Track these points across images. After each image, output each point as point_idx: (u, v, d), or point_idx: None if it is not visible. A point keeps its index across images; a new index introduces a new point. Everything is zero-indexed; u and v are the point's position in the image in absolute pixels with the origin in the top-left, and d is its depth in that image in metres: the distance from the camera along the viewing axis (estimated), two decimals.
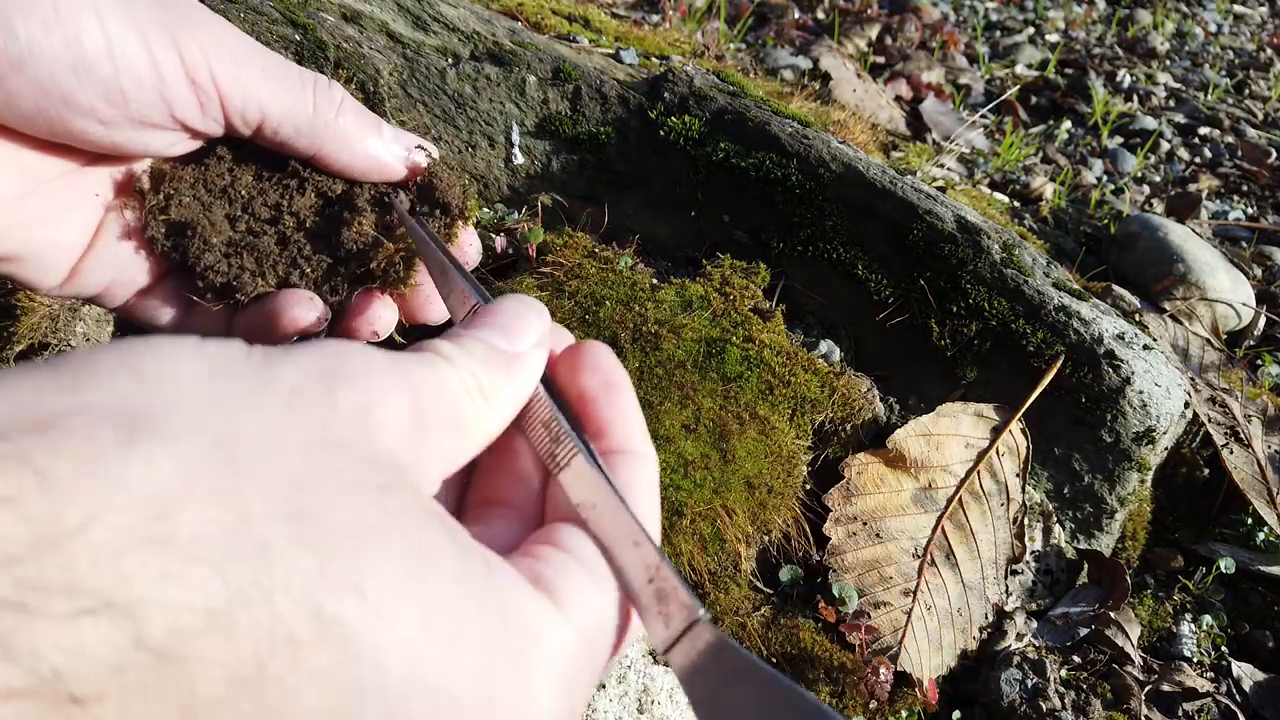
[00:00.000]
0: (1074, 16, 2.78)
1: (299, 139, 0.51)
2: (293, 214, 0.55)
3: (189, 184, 0.53)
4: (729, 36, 1.94)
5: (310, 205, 0.55)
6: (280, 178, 0.55)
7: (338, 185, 0.56)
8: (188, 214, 0.52)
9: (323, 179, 0.56)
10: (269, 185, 0.55)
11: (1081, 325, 0.96)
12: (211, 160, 0.54)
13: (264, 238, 0.54)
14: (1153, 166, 1.98)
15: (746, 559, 0.86)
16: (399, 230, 0.55)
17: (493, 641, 0.29)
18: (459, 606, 0.28)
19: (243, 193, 0.54)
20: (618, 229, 1.06)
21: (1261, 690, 0.93)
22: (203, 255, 0.52)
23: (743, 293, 0.98)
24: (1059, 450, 0.99)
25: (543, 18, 1.22)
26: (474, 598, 0.29)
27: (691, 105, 1.04)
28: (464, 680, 0.28)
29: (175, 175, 0.53)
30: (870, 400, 0.96)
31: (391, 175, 0.55)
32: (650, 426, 0.85)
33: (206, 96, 0.46)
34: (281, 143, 0.52)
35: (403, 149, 0.55)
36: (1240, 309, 1.37)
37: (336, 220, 0.55)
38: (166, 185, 0.53)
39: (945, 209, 1.00)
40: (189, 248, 0.52)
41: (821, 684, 0.81)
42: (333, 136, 0.52)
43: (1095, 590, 0.96)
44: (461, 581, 0.29)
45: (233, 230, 0.54)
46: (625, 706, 0.72)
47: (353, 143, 0.53)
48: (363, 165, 0.54)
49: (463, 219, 0.58)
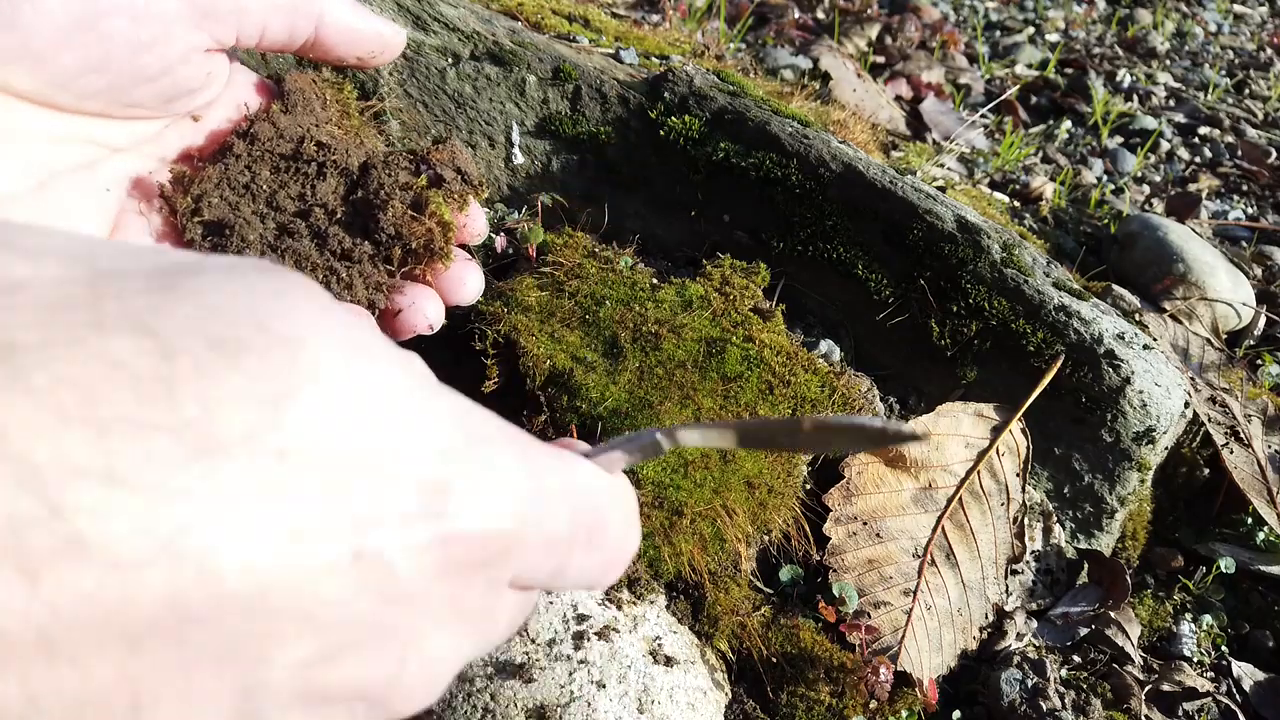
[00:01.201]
0: (1074, 16, 2.78)
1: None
2: (321, 205, 0.55)
3: (214, 184, 0.54)
4: (729, 36, 1.94)
5: (334, 190, 0.55)
6: (297, 166, 0.55)
7: (353, 159, 0.56)
8: (220, 214, 0.53)
9: (337, 154, 0.56)
10: (288, 176, 0.55)
11: (1081, 325, 0.96)
12: (230, 159, 0.55)
13: (301, 239, 0.54)
14: (1153, 166, 1.98)
15: (747, 559, 0.86)
16: (430, 203, 0.55)
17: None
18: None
19: (264, 187, 0.55)
20: (618, 229, 1.06)
21: (1261, 690, 0.93)
22: (242, 254, 0.53)
23: (743, 293, 0.98)
24: (1059, 450, 0.99)
25: (543, 17, 1.22)
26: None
27: (691, 105, 1.04)
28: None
29: (200, 177, 0.54)
30: (870, 400, 0.96)
31: (394, 47, 0.56)
32: (650, 426, 0.85)
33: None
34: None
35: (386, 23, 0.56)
36: (1240, 309, 1.37)
37: (369, 205, 0.55)
38: (194, 187, 0.53)
39: (945, 209, 1.00)
40: (228, 248, 0.52)
41: (821, 683, 0.81)
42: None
43: (1095, 590, 0.96)
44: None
45: (263, 226, 0.54)
46: (625, 706, 0.72)
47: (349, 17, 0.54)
48: (368, 43, 0.55)
49: (478, 189, 0.58)
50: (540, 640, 0.74)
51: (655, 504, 0.82)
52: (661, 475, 0.83)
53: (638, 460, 0.35)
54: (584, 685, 0.72)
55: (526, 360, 0.88)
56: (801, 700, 0.81)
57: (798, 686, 0.82)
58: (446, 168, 0.57)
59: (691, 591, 0.83)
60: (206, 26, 0.48)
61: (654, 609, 0.80)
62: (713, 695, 0.79)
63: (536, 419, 0.87)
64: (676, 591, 0.84)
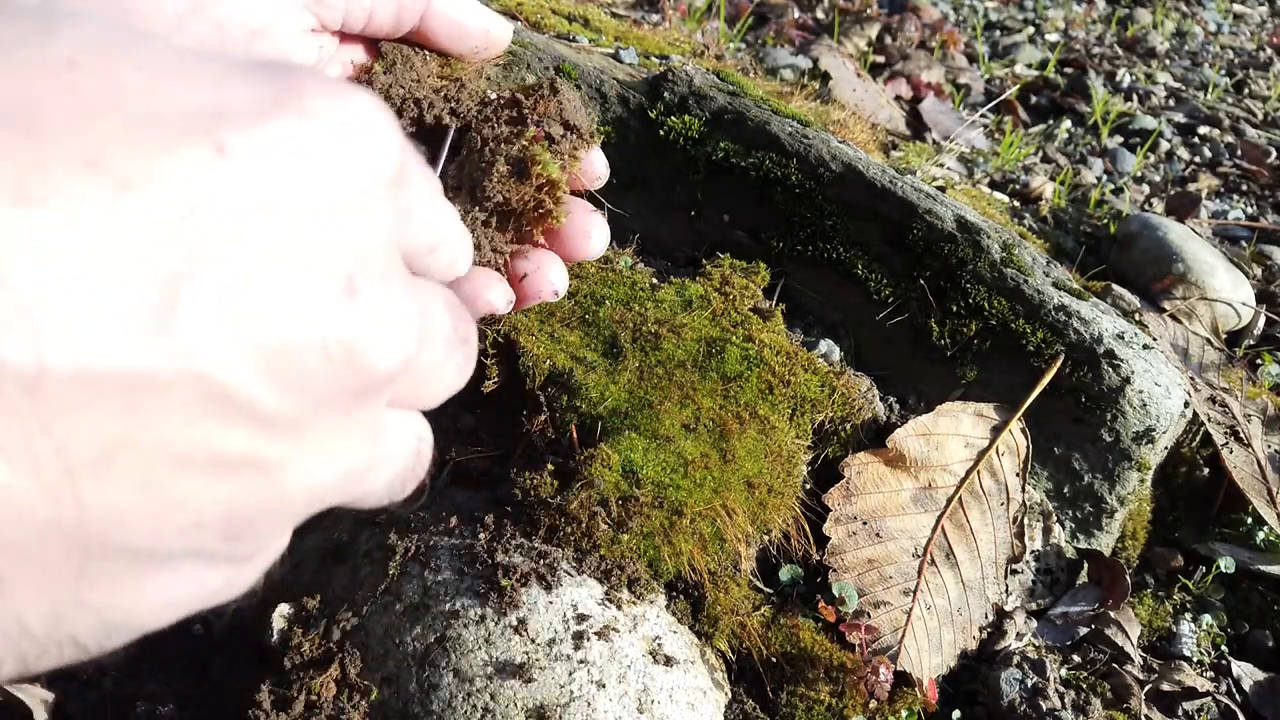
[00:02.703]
0: (1074, 16, 2.78)
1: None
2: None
3: None
4: (729, 36, 1.94)
5: (437, 152, 0.53)
6: (401, 127, 0.53)
7: (458, 110, 0.54)
8: None
9: (438, 109, 0.53)
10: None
11: (1081, 325, 0.96)
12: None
13: None
14: (1152, 166, 1.98)
15: (746, 559, 0.86)
16: (535, 162, 0.51)
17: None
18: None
19: None
20: (617, 228, 1.06)
21: (1261, 690, 0.93)
22: None
23: (743, 292, 0.98)
24: (1059, 450, 0.99)
25: (542, 17, 1.22)
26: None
27: (691, 105, 1.04)
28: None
29: None
30: (870, 400, 0.96)
31: (500, 43, 0.54)
32: (650, 426, 0.86)
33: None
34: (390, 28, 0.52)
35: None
36: (1240, 308, 1.37)
37: (471, 170, 0.52)
38: None
39: (945, 208, 1.00)
40: None
41: (821, 683, 0.81)
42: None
43: (1095, 590, 0.96)
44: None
45: None
46: (625, 706, 0.72)
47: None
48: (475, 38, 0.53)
49: (590, 141, 0.55)
50: (540, 640, 0.74)
51: (655, 504, 0.82)
52: (661, 475, 0.83)
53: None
54: (584, 685, 0.72)
55: (526, 360, 0.88)
56: (801, 700, 0.81)
57: (797, 686, 0.82)
58: (553, 122, 0.53)
59: (691, 591, 0.83)
60: (315, 8, 0.48)
61: (654, 609, 0.80)
62: (712, 695, 0.79)
63: (536, 419, 0.87)
64: (676, 591, 0.84)
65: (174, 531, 0.23)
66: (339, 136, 0.25)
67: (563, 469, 0.83)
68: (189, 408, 0.22)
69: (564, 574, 0.77)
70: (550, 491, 0.81)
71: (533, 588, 0.76)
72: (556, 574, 0.77)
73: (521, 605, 0.75)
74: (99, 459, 0.21)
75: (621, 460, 0.83)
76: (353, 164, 0.26)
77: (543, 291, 0.52)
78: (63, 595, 0.22)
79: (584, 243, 0.54)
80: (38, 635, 0.22)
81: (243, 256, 0.22)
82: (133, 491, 0.22)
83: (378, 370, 0.26)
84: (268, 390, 0.23)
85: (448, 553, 0.79)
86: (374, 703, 0.73)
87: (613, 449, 0.83)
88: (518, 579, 0.75)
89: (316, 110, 0.25)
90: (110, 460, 0.21)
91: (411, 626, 0.75)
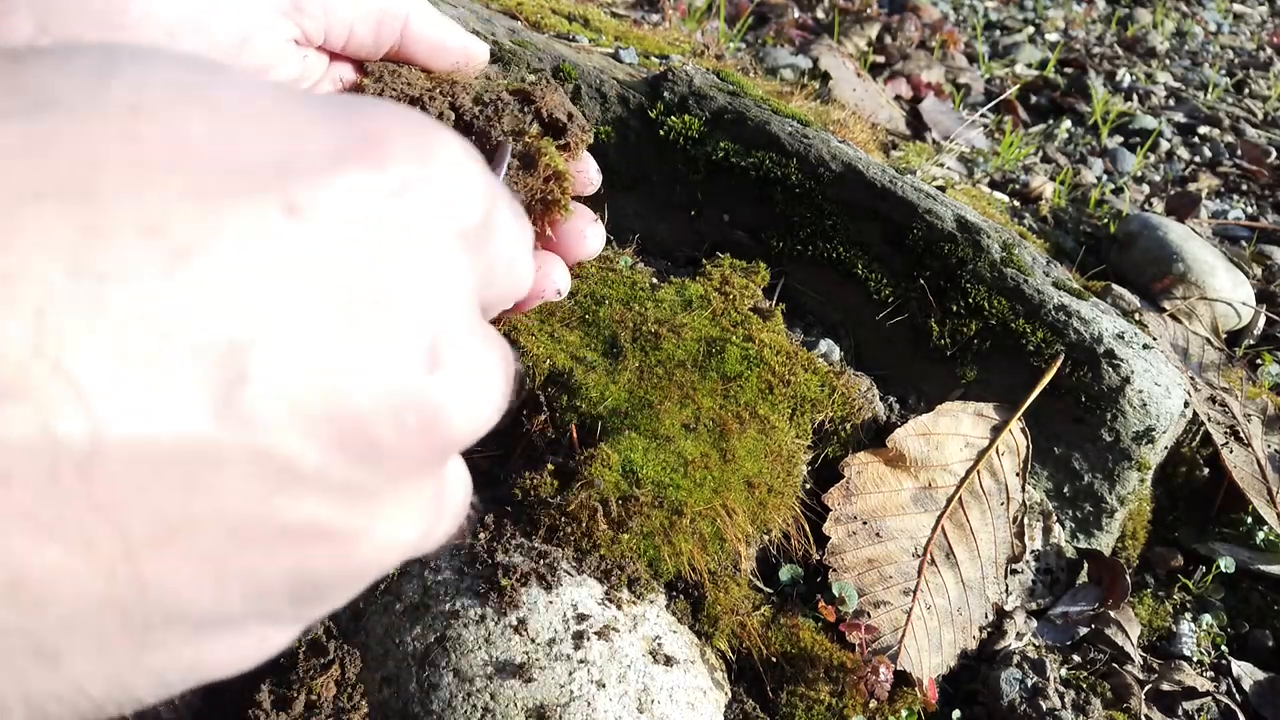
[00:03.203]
0: (1074, 16, 2.78)
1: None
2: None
3: None
4: (729, 36, 1.94)
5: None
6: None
7: (455, 105, 0.54)
8: None
9: (436, 104, 0.53)
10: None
11: (1081, 324, 0.96)
12: None
13: None
14: (1152, 166, 1.98)
15: (746, 559, 0.86)
16: (542, 153, 0.51)
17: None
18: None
19: None
20: (617, 228, 1.06)
21: (1261, 690, 0.93)
22: None
23: (743, 292, 0.98)
24: (1059, 450, 0.99)
25: (542, 17, 1.22)
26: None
27: (691, 104, 1.04)
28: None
29: None
30: (870, 400, 0.96)
31: (479, 61, 0.54)
32: (650, 426, 0.86)
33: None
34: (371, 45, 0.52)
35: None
36: (1240, 308, 1.37)
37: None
38: None
39: (945, 208, 1.00)
40: None
41: (821, 683, 0.81)
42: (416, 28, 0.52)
43: (1095, 589, 0.96)
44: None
45: None
46: (625, 706, 0.72)
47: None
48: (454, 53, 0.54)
49: (587, 134, 0.54)
50: (540, 640, 0.74)
51: (655, 504, 0.81)
52: (661, 475, 0.83)
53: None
54: (584, 685, 0.72)
55: (526, 359, 0.88)
56: (801, 700, 0.81)
57: (797, 686, 0.82)
58: (559, 111, 0.53)
59: (691, 591, 0.83)
60: (296, 18, 0.48)
61: (654, 609, 0.80)
62: (712, 695, 0.79)
63: (536, 418, 0.87)
64: (676, 591, 0.84)
65: (238, 600, 0.22)
66: (421, 192, 0.23)
67: (563, 469, 0.83)
68: (253, 481, 0.21)
69: (564, 574, 0.77)
70: (550, 491, 0.81)
71: (533, 587, 0.76)
72: (556, 574, 0.77)
73: (521, 605, 0.75)
74: (159, 537, 0.20)
75: (621, 460, 0.83)
76: (436, 220, 0.24)
77: (546, 291, 0.53)
78: (122, 663, 0.21)
79: (580, 243, 0.54)
80: (96, 698, 0.21)
81: (310, 324, 0.21)
82: (195, 566, 0.21)
83: (462, 435, 0.25)
84: (338, 462, 0.22)
85: (448, 552, 0.79)
86: (374, 703, 0.73)
87: (613, 449, 0.83)
88: (518, 579, 0.75)
89: (397, 159, 0.23)
90: (171, 538, 0.20)
91: (411, 626, 0.75)
